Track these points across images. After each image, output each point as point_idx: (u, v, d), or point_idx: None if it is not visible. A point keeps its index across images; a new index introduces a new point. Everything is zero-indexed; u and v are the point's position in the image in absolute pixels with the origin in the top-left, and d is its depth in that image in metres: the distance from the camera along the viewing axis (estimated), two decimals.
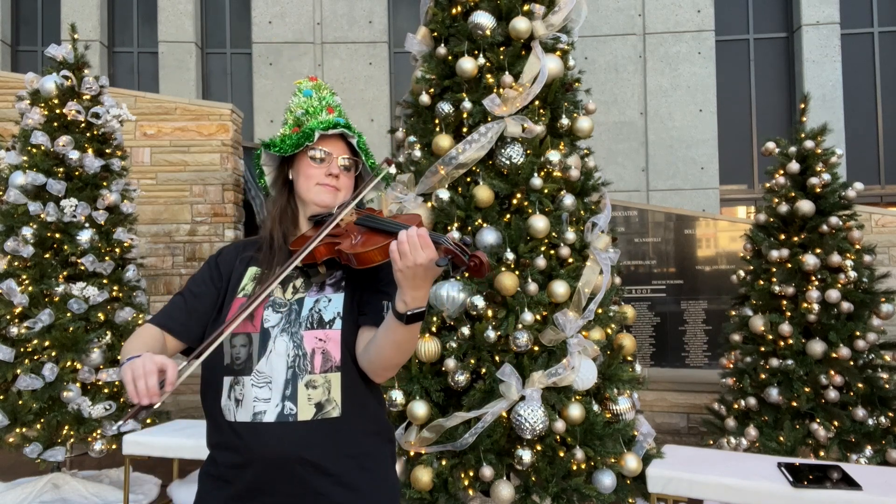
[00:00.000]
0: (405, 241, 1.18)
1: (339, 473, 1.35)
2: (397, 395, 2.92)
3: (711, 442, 4.22)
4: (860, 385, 3.80)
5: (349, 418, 1.37)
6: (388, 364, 1.34)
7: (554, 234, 3.04)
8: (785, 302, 4.02)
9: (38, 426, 3.90)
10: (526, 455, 2.78)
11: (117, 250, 4.32)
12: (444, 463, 2.89)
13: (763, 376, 3.98)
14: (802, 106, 4.34)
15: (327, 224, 1.39)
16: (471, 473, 2.88)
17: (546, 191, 3.06)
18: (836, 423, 3.78)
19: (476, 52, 3.20)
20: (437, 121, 3.21)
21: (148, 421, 4.23)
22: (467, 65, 3.11)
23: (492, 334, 2.88)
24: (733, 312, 4.40)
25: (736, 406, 4.13)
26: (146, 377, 1.12)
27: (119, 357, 1.42)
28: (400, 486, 1.48)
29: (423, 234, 1.19)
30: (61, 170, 4.15)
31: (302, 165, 1.51)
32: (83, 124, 4.29)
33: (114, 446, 4.07)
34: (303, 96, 1.58)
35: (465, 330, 2.94)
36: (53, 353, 3.93)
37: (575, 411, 2.85)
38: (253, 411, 1.33)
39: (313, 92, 1.58)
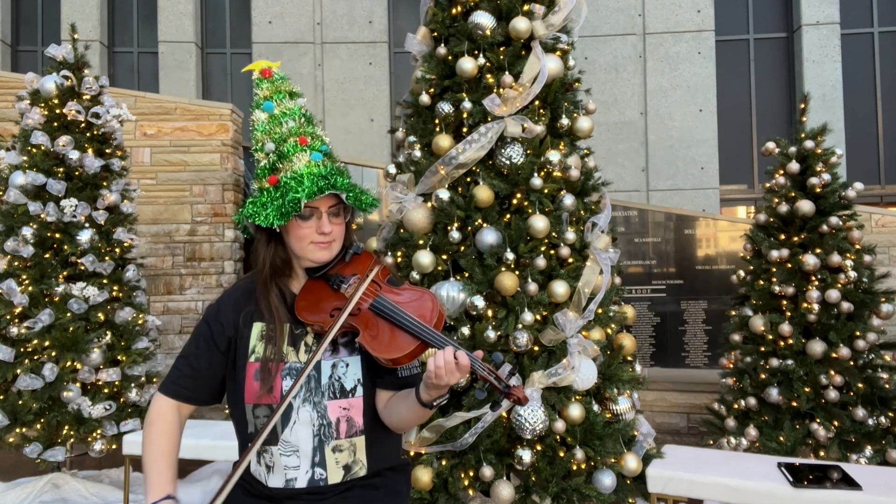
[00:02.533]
0: (442, 367, 1.28)
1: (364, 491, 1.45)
2: None
3: (711, 442, 4.22)
4: (860, 385, 3.80)
5: (374, 470, 1.46)
6: (409, 427, 1.48)
7: (554, 234, 3.04)
8: (785, 302, 4.02)
9: (38, 426, 3.90)
10: (526, 455, 2.78)
11: (117, 250, 4.32)
12: (444, 463, 2.89)
13: (763, 376, 3.98)
14: (802, 106, 4.34)
15: (343, 313, 1.39)
16: (471, 473, 2.88)
17: (546, 191, 3.06)
18: (836, 423, 3.78)
19: (476, 52, 3.20)
20: (437, 121, 3.21)
21: None
22: (467, 65, 3.11)
23: (492, 334, 2.88)
24: (733, 312, 4.40)
25: (736, 406, 4.13)
26: None
27: (143, 449, 1.45)
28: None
29: (462, 362, 1.28)
30: (61, 170, 4.15)
31: (290, 225, 1.42)
32: (83, 124, 4.29)
33: (114, 446, 4.07)
34: (263, 112, 1.46)
35: (465, 330, 2.94)
36: (53, 353, 3.93)
37: (575, 411, 2.85)
38: (285, 478, 1.40)
39: (273, 105, 1.46)
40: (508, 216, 3.09)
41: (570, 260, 3.09)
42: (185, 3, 9.43)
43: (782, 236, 4.12)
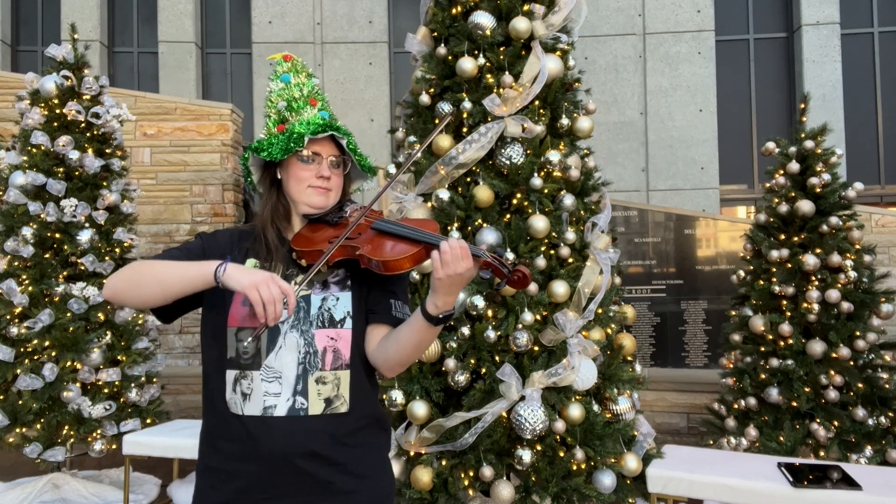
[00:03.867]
0: (448, 251, 1.26)
1: (345, 462, 1.40)
2: (397, 395, 2.92)
3: (711, 442, 4.22)
4: (860, 385, 3.80)
5: (355, 412, 1.42)
6: (405, 361, 1.43)
7: (554, 234, 3.04)
8: (785, 302, 4.02)
9: (38, 426, 3.90)
10: (526, 455, 2.78)
11: (117, 250, 4.32)
12: (444, 463, 2.89)
13: (763, 376, 3.98)
14: (802, 106, 4.34)
15: (346, 231, 1.40)
16: (471, 473, 2.88)
17: (546, 191, 3.06)
18: (836, 423, 3.78)
19: (476, 52, 3.19)
20: (437, 121, 3.21)
21: (148, 420, 4.24)
22: (467, 65, 3.11)
23: (492, 334, 2.88)
24: (733, 312, 4.40)
25: (736, 406, 4.13)
26: (276, 303, 1.22)
27: (140, 271, 1.34)
28: (392, 472, 1.57)
29: (464, 245, 1.26)
30: (61, 170, 4.15)
31: (291, 167, 1.49)
32: (83, 124, 4.29)
33: (114, 446, 4.07)
34: (280, 82, 1.55)
35: (465, 330, 2.94)
36: (53, 353, 3.93)
37: (575, 411, 2.85)
38: (263, 405, 1.36)
39: (291, 77, 1.55)
40: (508, 216, 3.09)
41: (570, 260, 3.09)
42: (185, 3, 9.43)
43: (782, 236, 4.12)
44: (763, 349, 4.03)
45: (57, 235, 4.09)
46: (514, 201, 3.09)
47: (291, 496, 1.36)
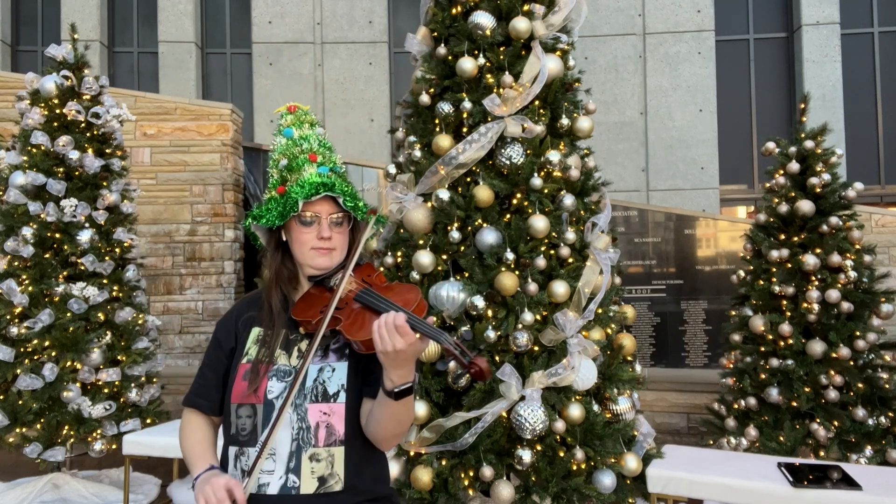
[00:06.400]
0: (382, 326, 1.24)
1: None
2: None
3: (711, 442, 4.22)
4: (860, 385, 3.79)
5: (351, 491, 1.39)
6: (390, 435, 1.39)
7: (554, 234, 3.04)
8: (785, 302, 4.02)
9: (38, 426, 3.90)
10: (526, 455, 2.78)
11: (117, 250, 4.32)
12: (444, 463, 2.89)
13: (763, 376, 3.98)
14: (802, 106, 4.34)
15: (329, 307, 1.40)
16: (471, 473, 2.87)
17: (546, 191, 3.06)
18: (836, 423, 3.78)
19: (476, 52, 3.19)
20: (437, 121, 3.21)
21: (148, 420, 4.24)
22: (467, 65, 3.11)
23: (492, 334, 2.88)
24: (733, 312, 4.40)
25: (736, 406, 4.13)
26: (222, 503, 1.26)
27: (182, 447, 1.51)
28: None
29: (400, 323, 1.23)
30: (61, 170, 4.15)
31: (293, 230, 1.48)
32: (83, 124, 4.29)
33: (114, 446, 4.07)
34: (283, 138, 1.54)
35: (465, 330, 2.94)
36: (53, 353, 3.93)
37: (575, 411, 2.85)
38: (258, 482, 1.36)
39: (293, 131, 1.54)
40: (508, 216, 3.09)
41: (570, 260, 3.09)
42: (185, 3, 9.43)
43: (782, 236, 4.12)
44: (763, 349, 4.03)
45: (57, 235, 4.09)
46: (514, 201, 3.09)
47: None
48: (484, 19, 3.15)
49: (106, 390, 4.10)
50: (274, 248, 1.52)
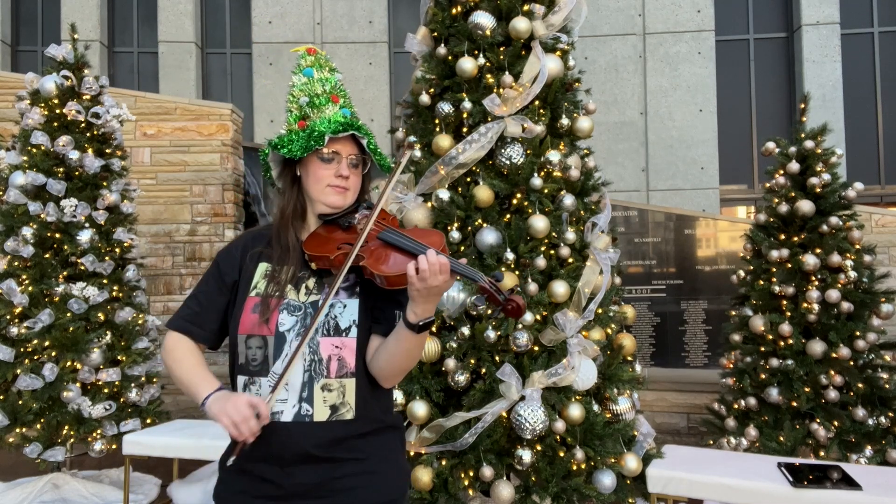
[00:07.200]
0: (426, 267, 1.27)
1: (352, 460, 1.42)
2: (397, 395, 2.92)
3: (711, 442, 4.22)
4: (860, 385, 3.79)
5: (362, 419, 1.43)
6: (399, 370, 1.43)
7: (554, 234, 3.04)
8: (785, 302, 4.02)
9: (38, 426, 3.90)
10: (526, 455, 2.78)
11: (117, 250, 4.32)
12: (444, 463, 2.89)
13: (763, 376, 3.98)
14: (802, 106, 4.34)
15: (356, 243, 1.40)
16: (471, 473, 2.88)
17: (546, 191, 3.06)
18: (836, 423, 3.77)
19: (476, 52, 3.19)
20: (437, 121, 3.21)
21: (148, 420, 4.24)
22: (467, 65, 3.11)
23: (492, 334, 2.88)
24: (733, 312, 4.40)
25: (736, 406, 4.13)
26: (247, 421, 1.28)
27: (175, 372, 1.49)
28: (409, 471, 1.60)
29: (444, 262, 1.28)
30: (61, 170, 4.15)
31: (310, 165, 1.50)
32: (83, 124, 4.28)
33: (114, 446, 4.06)
34: (303, 76, 1.55)
35: (465, 330, 2.94)
36: (53, 353, 3.93)
37: (575, 411, 2.85)
38: (271, 411, 1.38)
39: (314, 71, 1.55)
40: (508, 216, 3.09)
41: (570, 260, 3.09)
42: (185, 3, 9.43)
43: (782, 236, 4.12)
44: (763, 349, 4.03)
45: (57, 235, 4.08)
46: (514, 201, 3.09)
47: (299, 496, 1.39)
48: (484, 19, 3.15)
49: (106, 390, 4.10)
50: (289, 182, 1.54)
